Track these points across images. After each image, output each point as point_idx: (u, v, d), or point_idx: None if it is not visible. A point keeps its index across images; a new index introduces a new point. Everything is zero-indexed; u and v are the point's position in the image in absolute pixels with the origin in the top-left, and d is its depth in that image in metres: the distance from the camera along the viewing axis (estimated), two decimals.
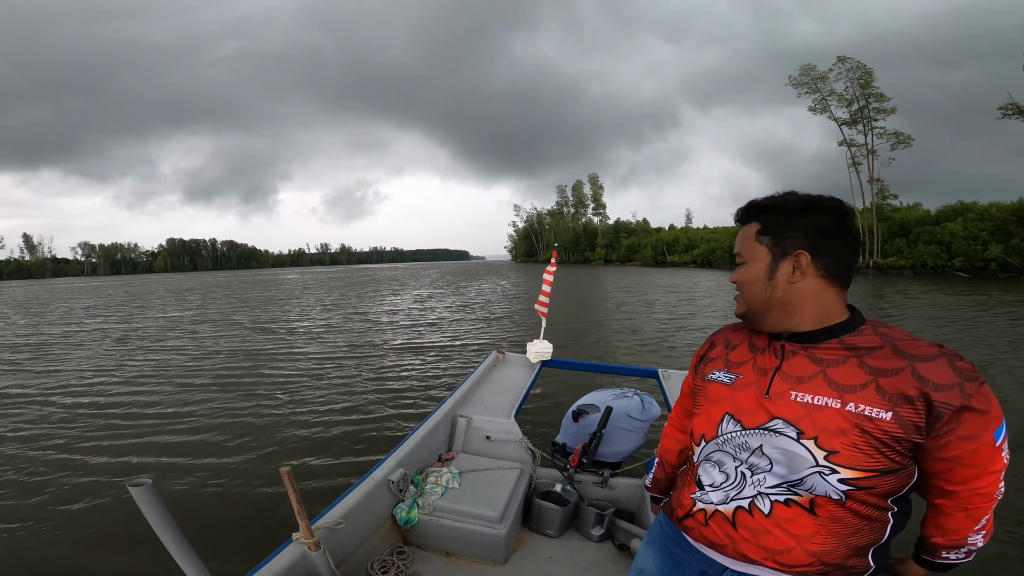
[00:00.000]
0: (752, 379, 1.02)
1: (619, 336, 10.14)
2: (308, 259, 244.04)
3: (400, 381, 6.98)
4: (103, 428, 5.33)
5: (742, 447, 1.00)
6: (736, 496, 1.01)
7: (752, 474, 0.98)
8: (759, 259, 0.98)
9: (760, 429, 0.97)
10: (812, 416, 0.91)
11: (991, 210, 29.75)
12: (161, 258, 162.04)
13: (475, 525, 2.16)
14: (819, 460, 0.90)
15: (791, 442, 0.92)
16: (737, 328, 1.15)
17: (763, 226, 0.98)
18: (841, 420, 0.88)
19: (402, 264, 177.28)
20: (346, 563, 1.93)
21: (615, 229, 79.00)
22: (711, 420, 1.06)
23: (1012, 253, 27.08)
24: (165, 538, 1.21)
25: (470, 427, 2.89)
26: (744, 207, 1.03)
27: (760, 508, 0.97)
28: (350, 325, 13.07)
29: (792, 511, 0.94)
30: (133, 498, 1.15)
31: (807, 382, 0.93)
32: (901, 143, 36.40)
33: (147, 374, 7.86)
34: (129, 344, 10.91)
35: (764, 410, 0.97)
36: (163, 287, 38.55)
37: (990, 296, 17.23)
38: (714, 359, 1.13)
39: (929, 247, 31.36)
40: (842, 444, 0.88)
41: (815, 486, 0.91)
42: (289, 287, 33.15)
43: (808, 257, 0.94)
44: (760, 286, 0.98)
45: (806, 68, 39.24)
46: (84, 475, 4.15)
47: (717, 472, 1.04)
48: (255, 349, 9.71)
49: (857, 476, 0.88)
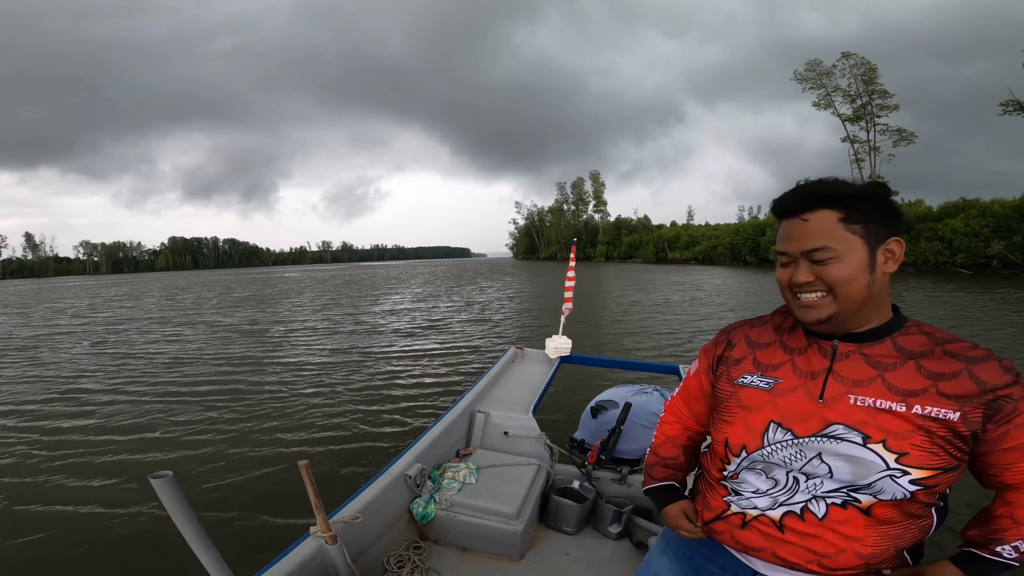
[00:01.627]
0: (796, 383, 0.94)
1: (634, 337, 10.04)
2: (310, 257, 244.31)
3: (416, 378, 7.02)
4: (121, 424, 5.40)
5: (795, 456, 0.93)
6: (787, 501, 0.95)
7: (807, 479, 0.93)
8: (855, 251, 0.86)
9: (817, 437, 0.90)
10: (877, 420, 0.86)
11: (993, 207, 29.65)
12: (163, 256, 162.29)
13: (491, 521, 2.16)
14: (890, 464, 0.86)
15: (857, 447, 0.87)
16: (756, 324, 1.07)
17: (847, 213, 0.86)
18: (907, 423, 0.85)
19: (402, 262, 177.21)
20: (363, 557, 1.93)
21: (616, 226, 78.95)
22: (752, 430, 0.98)
23: (1014, 250, 26.99)
24: (185, 530, 1.22)
25: (488, 423, 2.88)
26: (810, 193, 0.88)
27: (814, 512, 0.93)
28: (355, 321, 13.11)
29: (848, 513, 0.91)
30: (154, 490, 1.16)
31: (866, 386, 0.88)
32: (903, 140, 36.40)
33: (168, 365, 7.99)
34: (164, 335, 11.05)
35: (819, 416, 0.90)
36: (188, 284, 38.52)
37: (995, 292, 17.22)
38: (740, 360, 1.04)
39: (931, 244, 31.28)
40: (911, 445, 0.85)
41: (883, 489, 0.88)
42: (288, 285, 33.14)
43: (903, 245, 0.89)
44: (863, 281, 0.87)
45: (812, 63, 39.24)
46: (103, 471, 4.23)
47: (763, 479, 0.98)
48: (269, 344, 9.81)
49: (926, 475, 0.86)
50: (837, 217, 0.86)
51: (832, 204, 0.86)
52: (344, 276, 45.53)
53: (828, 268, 0.86)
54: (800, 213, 0.88)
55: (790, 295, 0.93)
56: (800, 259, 0.89)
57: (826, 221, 0.86)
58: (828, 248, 0.86)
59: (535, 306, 16.15)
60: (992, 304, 14.07)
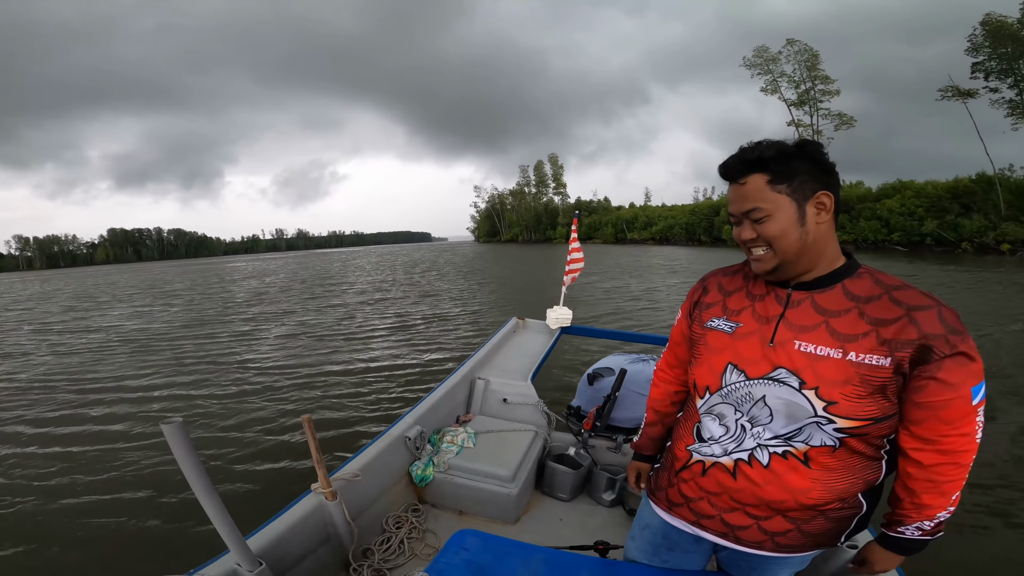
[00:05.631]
0: (754, 327, 1.02)
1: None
2: (263, 245, 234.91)
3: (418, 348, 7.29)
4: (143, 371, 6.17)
5: (745, 398, 1.00)
6: (736, 449, 1.03)
7: (752, 426, 1.00)
8: (783, 208, 0.94)
9: (764, 379, 0.97)
10: (814, 366, 0.92)
11: (927, 188, 31.53)
12: (102, 249, 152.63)
13: (487, 484, 2.21)
14: (818, 411, 0.92)
15: (793, 392, 0.94)
16: (729, 272, 1.14)
17: (773, 175, 0.93)
18: (842, 370, 0.90)
19: (360, 248, 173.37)
20: (362, 516, 1.98)
21: (575, 208, 79.58)
22: (714, 370, 1.05)
23: (947, 228, 28.90)
24: (190, 476, 1.26)
25: (488, 389, 2.91)
26: (740, 162, 0.96)
27: (759, 460, 1.00)
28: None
29: (789, 463, 0.98)
30: (164, 435, 1.21)
31: (811, 331, 0.94)
32: (844, 124, 38.22)
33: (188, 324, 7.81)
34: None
35: (768, 360, 0.97)
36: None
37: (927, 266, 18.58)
38: (711, 305, 1.12)
39: (870, 223, 33.02)
40: (841, 395, 0.90)
41: (811, 436, 0.95)
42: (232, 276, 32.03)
43: (832, 197, 0.95)
44: (795, 234, 0.94)
45: (759, 50, 40.37)
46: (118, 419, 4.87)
47: (717, 425, 1.06)
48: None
49: (853, 425, 0.92)
50: (765, 180, 0.94)
51: (760, 168, 0.94)
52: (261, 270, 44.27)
53: (764, 226, 0.95)
54: (737, 179, 0.98)
55: (745, 250, 1.02)
56: (743, 219, 0.99)
57: (756, 184, 0.95)
58: (760, 208, 0.95)
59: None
60: (928, 276, 15.21)
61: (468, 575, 1.25)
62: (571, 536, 2.14)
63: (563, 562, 1.31)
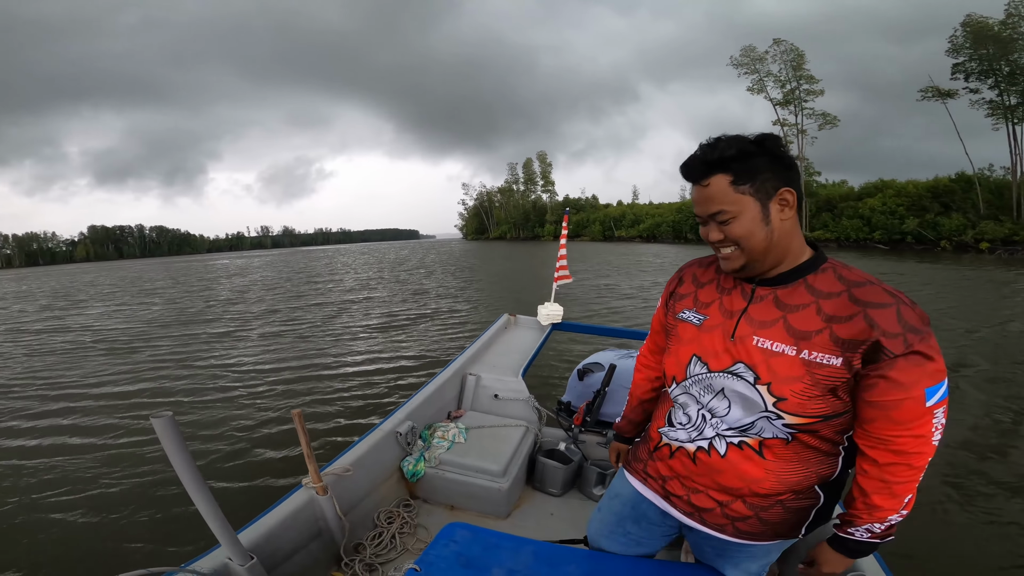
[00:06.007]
0: (719, 321, 1.04)
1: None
2: (248, 243, 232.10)
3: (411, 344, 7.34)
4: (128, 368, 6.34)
5: (707, 389, 1.04)
6: (697, 438, 1.07)
7: (711, 417, 1.04)
8: (748, 209, 0.94)
9: (724, 372, 1.01)
10: (769, 363, 0.95)
11: (908, 187, 32.22)
12: (82, 247, 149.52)
13: (478, 479, 2.22)
14: (768, 406, 0.95)
15: (748, 386, 0.97)
16: (704, 263, 1.16)
17: (735, 176, 0.93)
18: (794, 367, 0.92)
19: (347, 245, 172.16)
20: (353, 511, 1.98)
21: (563, 205, 79.81)
22: (680, 361, 1.09)
23: (926, 227, 29.53)
24: (180, 470, 1.25)
25: (479, 385, 2.91)
26: (702, 163, 0.96)
27: (717, 449, 1.04)
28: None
29: (744, 453, 1.01)
30: (154, 429, 1.20)
31: (769, 327, 0.96)
32: (828, 123, 38.76)
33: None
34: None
35: (729, 353, 1.00)
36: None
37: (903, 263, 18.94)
38: (684, 296, 1.15)
39: (852, 221, 33.65)
40: (791, 391, 0.92)
41: (763, 429, 0.98)
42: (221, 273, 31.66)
43: (794, 193, 0.96)
44: (761, 233, 0.95)
45: (746, 49, 40.75)
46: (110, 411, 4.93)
47: (681, 414, 1.11)
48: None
49: (801, 422, 0.94)
50: (728, 181, 0.93)
51: (722, 169, 0.94)
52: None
53: (730, 227, 0.96)
54: (699, 181, 0.97)
55: (714, 248, 1.03)
56: (709, 220, 0.98)
57: (719, 186, 0.94)
58: (725, 211, 0.95)
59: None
60: (916, 275, 15.53)
61: (458, 567, 1.26)
62: (562, 530, 2.15)
63: (551, 554, 1.32)
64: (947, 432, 0.91)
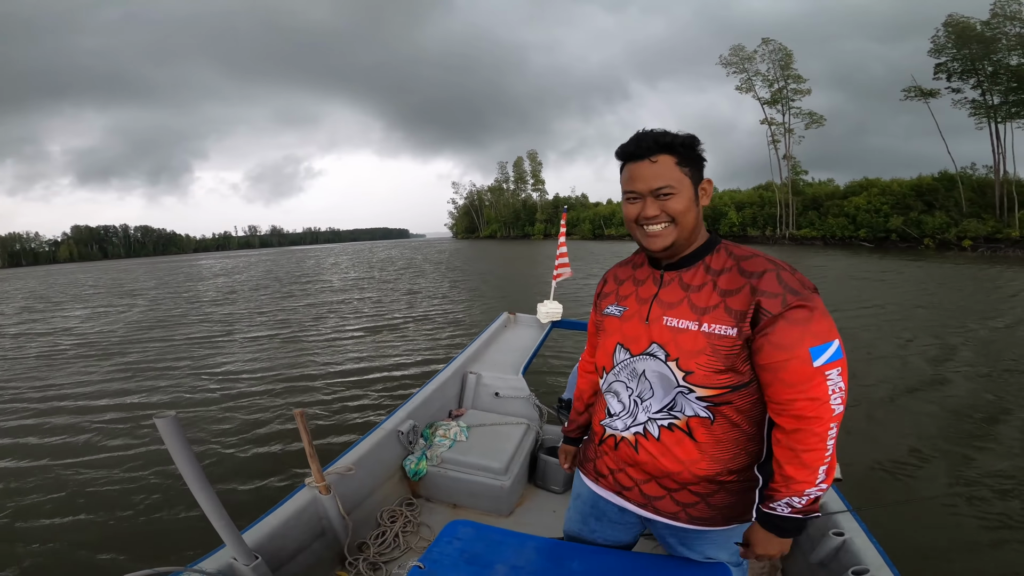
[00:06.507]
0: (636, 309, 1.11)
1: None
2: (236, 242, 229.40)
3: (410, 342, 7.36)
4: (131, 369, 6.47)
5: (632, 374, 1.10)
6: (633, 424, 1.12)
7: (642, 401, 1.10)
8: (686, 188, 1.02)
9: (643, 355, 1.07)
10: (676, 339, 1.02)
11: (892, 186, 32.68)
12: (66, 247, 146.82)
13: (480, 477, 2.23)
14: (679, 380, 1.02)
15: (662, 364, 1.04)
16: (622, 264, 1.25)
17: (680, 158, 1.02)
18: (697, 341, 0.99)
19: (336, 245, 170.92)
20: (357, 510, 1.99)
21: (554, 204, 79.85)
22: (607, 352, 1.16)
23: (910, 225, 29.98)
24: (185, 470, 1.26)
25: (479, 384, 2.92)
26: (655, 142, 1.02)
27: (652, 433, 1.09)
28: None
29: (676, 436, 1.06)
30: (158, 429, 1.20)
31: (675, 307, 1.04)
32: (814, 122, 39.14)
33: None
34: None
35: (646, 336, 1.07)
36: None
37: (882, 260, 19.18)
38: (608, 294, 1.22)
39: (838, 219, 34.07)
40: (696, 364, 0.99)
41: (684, 407, 1.03)
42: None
43: (711, 184, 1.07)
44: (693, 212, 1.03)
45: (735, 48, 41.01)
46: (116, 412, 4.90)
47: (616, 402, 1.15)
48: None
49: (711, 394, 1.00)
50: (674, 161, 1.02)
51: (670, 151, 1.02)
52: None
53: (670, 202, 1.02)
54: (649, 156, 1.03)
55: (637, 228, 1.07)
56: (648, 196, 1.03)
57: (667, 164, 1.02)
58: (671, 186, 1.01)
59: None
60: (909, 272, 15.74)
61: (461, 564, 1.26)
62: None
63: (554, 550, 1.33)
64: (954, 433, 0.91)
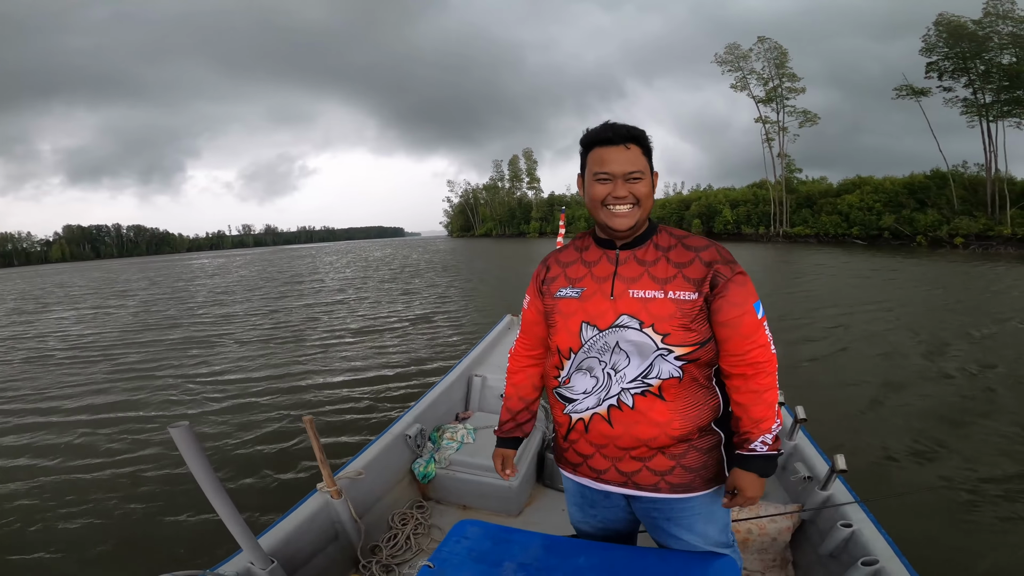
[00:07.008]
0: (595, 288, 1.19)
1: None
2: (229, 242, 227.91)
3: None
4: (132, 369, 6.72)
5: (604, 348, 1.16)
6: (606, 396, 1.17)
7: (616, 372, 1.15)
8: (648, 175, 1.17)
9: (612, 328, 1.15)
10: (647, 308, 1.12)
11: (884, 184, 32.90)
12: (58, 246, 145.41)
13: (489, 478, 2.24)
14: (658, 344, 1.12)
15: (637, 332, 1.13)
16: (562, 250, 1.32)
17: (643, 149, 1.16)
18: (667, 307, 1.11)
19: (331, 244, 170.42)
20: (368, 514, 2.02)
21: (549, 202, 79.88)
22: (571, 332, 1.20)
23: (903, 222, 30.20)
24: (200, 478, 1.28)
25: (485, 386, 2.96)
26: (628, 132, 1.15)
27: (626, 403, 1.15)
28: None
29: (648, 400, 1.14)
30: (173, 439, 1.22)
31: (638, 280, 1.15)
32: (808, 121, 39.28)
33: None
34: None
35: (613, 310, 1.15)
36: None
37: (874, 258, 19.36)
38: (555, 278, 1.27)
39: (831, 217, 34.23)
40: (671, 326, 1.11)
41: (661, 370, 1.12)
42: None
43: (658, 175, 1.22)
44: (651, 197, 1.18)
45: (731, 47, 41.08)
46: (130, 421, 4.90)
47: (588, 378, 1.19)
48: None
49: (686, 351, 1.12)
50: (640, 151, 1.16)
51: (638, 142, 1.16)
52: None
53: (638, 186, 1.15)
54: (623, 143, 1.15)
55: (602, 208, 1.17)
56: (619, 178, 1.14)
57: (637, 152, 1.15)
58: (640, 172, 1.15)
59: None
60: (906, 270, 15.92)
61: (470, 562, 1.28)
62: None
63: (561, 546, 1.35)
64: (959, 426, 0.94)
